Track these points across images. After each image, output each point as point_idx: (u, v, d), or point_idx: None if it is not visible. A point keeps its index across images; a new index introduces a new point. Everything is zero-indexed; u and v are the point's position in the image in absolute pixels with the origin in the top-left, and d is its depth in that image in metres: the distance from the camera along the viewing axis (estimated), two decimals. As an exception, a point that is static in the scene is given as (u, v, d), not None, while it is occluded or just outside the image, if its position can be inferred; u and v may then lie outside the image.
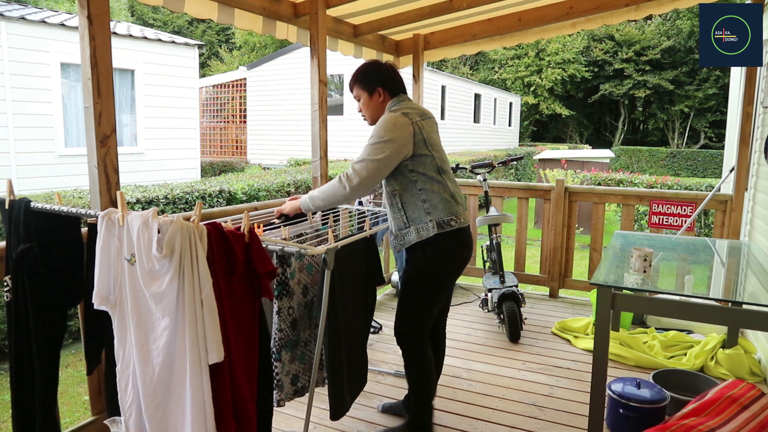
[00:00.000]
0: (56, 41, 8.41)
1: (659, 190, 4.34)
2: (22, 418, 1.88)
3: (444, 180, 2.28)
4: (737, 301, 2.37)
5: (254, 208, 2.84)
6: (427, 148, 2.24)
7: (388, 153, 2.15)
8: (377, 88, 2.35)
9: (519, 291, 3.69)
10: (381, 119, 2.25)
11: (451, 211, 2.25)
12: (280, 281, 2.02)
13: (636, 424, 2.39)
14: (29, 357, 1.86)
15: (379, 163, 2.15)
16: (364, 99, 2.38)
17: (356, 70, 2.41)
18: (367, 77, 2.37)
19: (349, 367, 2.17)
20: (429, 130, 2.30)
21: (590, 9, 3.63)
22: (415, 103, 2.39)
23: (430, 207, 2.24)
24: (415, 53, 4.40)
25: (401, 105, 2.31)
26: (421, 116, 2.29)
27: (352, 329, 2.18)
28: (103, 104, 2.05)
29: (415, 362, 2.36)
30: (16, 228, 1.85)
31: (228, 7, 2.98)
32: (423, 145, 2.23)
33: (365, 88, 2.37)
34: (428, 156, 2.24)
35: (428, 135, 2.27)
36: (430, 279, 2.30)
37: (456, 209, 2.28)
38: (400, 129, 2.18)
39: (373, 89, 2.36)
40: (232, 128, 16.46)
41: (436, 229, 2.22)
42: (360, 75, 2.39)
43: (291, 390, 2.18)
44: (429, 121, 2.33)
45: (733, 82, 5.81)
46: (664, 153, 22.52)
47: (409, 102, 2.36)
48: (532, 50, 25.60)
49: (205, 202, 5.45)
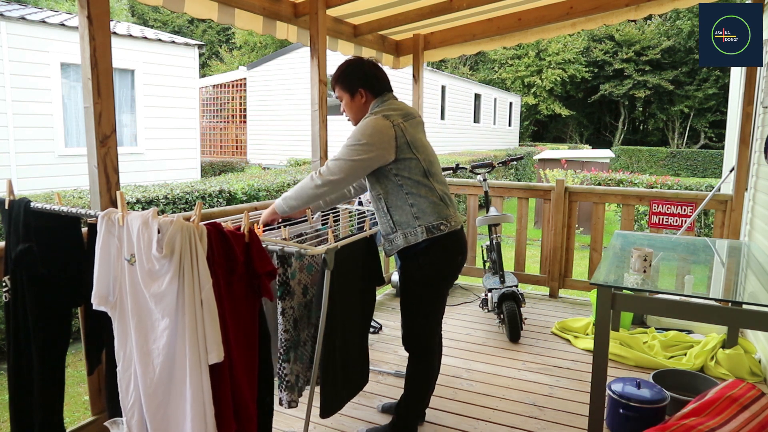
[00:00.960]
0: (56, 41, 8.41)
1: (659, 190, 4.34)
2: (20, 418, 1.88)
3: (431, 183, 2.19)
4: (737, 301, 2.37)
5: (254, 208, 2.84)
6: (412, 151, 2.15)
7: (365, 156, 2.08)
8: (359, 89, 2.25)
9: (519, 291, 3.69)
10: (361, 122, 2.18)
11: (440, 215, 2.18)
12: (282, 282, 2.02)
13: (636, 424, 2.39)
14: (28, 357, 1.86)
15: (353, 163, 2.08)
16: (346, 100, 2.29)
17: (337, 69, 2.30)
18: (348, 77, 2.27)
19: (343, 367, 2.16)
20: (413, 131, 2.20)
21: (590, 9, 3.63)
22: (400, 102, 2.29)
23: (418, 211, 2.16)
24: (415, 53, 4.40)
25: (383, 106, 2.21)
26: (404, 117, 2.19)
27: (349, 329, 2.18)
28: (103, 104, 2.05)
29: (417, 368, 2.35)
30: (16, 228, 1.85)
31: (228, 7, 2.98)
32: (407, 148, 2.14)
33: (346, 89, 2.27)
34: (413, 159, 2.15)
35: (412, 137, 2.17)
36: (426, 287, 2.26)
37: (446, 212, 2.20)
38: (379, 133, 2.10)
39: (354, 90, 2.26)
40: (232, 128, 16.45)
41: (425, 235, 2.15)
42: (341, 75, 2.28)
43: (297, 390, 2.18)
44: (413, 122, 2.22)
45: (733, 82, 5.81)
46: (664, 153, 22.52)
47: (394, 102, 2.26)
48: (532, 50, 25.60)
49: (205, 202, 5.45)
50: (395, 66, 4.66)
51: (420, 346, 2.34)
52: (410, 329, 2.32)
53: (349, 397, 2.29)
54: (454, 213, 2.25)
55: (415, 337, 2.32)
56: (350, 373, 2.25)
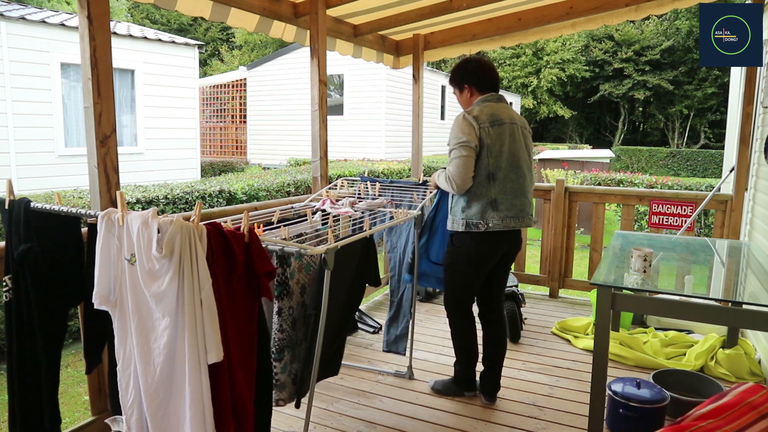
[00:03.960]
0: (56, 41, 8.41)
1: (659, 190, 4.34)
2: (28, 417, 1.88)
3: (489, 186, 2.50)
4: (737, 301, 2.37)
5: (254, 208, 2.84)
6: (486, 154, 2.48)
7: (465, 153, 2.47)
8: (465, 85, 2.64)
9: (519, 291, 3.69)
10: (454, 119, 2.53)
11: (483, 216, 2.51)
12: (281, 281, 2.02)
13: (636, 424, 2.39)
14: (33, 355, 1.87)
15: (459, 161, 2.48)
16: (457, 95, 2.72)
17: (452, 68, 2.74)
18: (455, 74, 2.68)
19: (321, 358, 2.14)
20: (496, 137, 2.49)
21: (590, 9, 3.63)
22: (497, 105, 2.58)
23: (466, 207, 2.54)
24: (415, 53, 4.40)
25: (478, 105, 2.56)
26: (491, 123, 2.49)
27: (333, 323, 2.18)
28: (103, 104, 2.05)
29: (455, 326, 2.78)
30: (17, 228, 1.85)
31: (226, 7, 2.97)
32: (483, 150, 2.48)
33: (455, 85, 2.69)
34: (483, 162, 2.49)
35: (492, 142, 2.48)
36: (460, 264, 2.65)
37: (490, 215, 2.51)
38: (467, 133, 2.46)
39: (462, 86, 2.66)
40: (232, 128, 16.45)
41: (464, 228, 2.54)
42: (451, 73, 2.71)
43: (293, 389, 2.17)
44: (499, 129, 2.51)
45: (733, 82, 5.81)
46: (664, 153, 22.50)
47: (491, 104, 2.57)
48: (530, 49, 25.56)
49: (205, 202, 5.45)
50: (395, 66, 4.66)
51: (452, 308, 2.76)
52: (446, 291, 2.78)
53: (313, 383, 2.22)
54: (501, 218, 2.53)
55: (448, 301, 2.76)
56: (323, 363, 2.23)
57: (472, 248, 2.58)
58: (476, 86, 2.62)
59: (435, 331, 3.62)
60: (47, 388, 1.91)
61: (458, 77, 2.67)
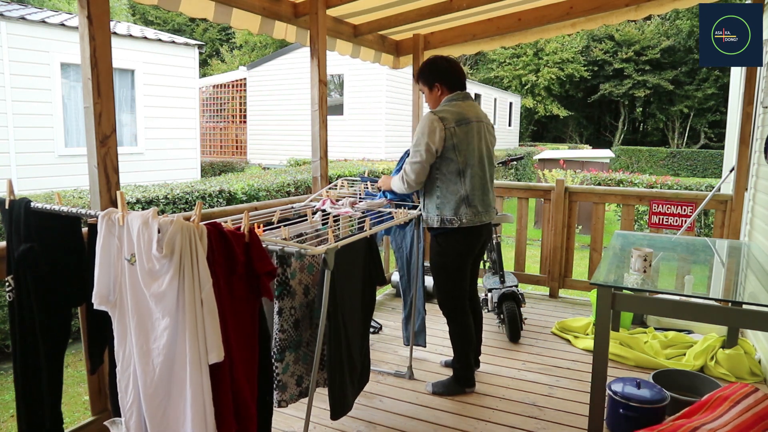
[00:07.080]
0: (56, 41, 8.40)
1: (659, 190, 4.34)
2: (31, 416, 1.89)
3: (460, 183, 2.57)
4: (737, 301, 2.37)
5: (254, 208, 2.84)
6: (455, 153, 2.54)
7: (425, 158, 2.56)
8: (435, 84, 2.67)
9: (519, 291, 3.69)
10: (421, 118, 2.57)
11: (456, 212, 2.59)
12: (281, 281, 2.02)
13: (636, 424, 2.39)
14: (35, 355, 1.87)
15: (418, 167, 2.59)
16: (426, 93, 2.74)
17: (420, 65, 2.78)
18: (425, 73, 2.70)
19: (350, 368, 2.17)
20: (463, 135, 2.54)
21: (590, 9, 3.63)
22: (465, 104, 2.62)
23: (440, 203, 2.62)
24: (415, 53, 4.40)
25: (446, 105, 2.61)
26: (457, 122, 2.54)
27: (351, 329, 2.18)
28: (103, 104, 2.05)
29: (455, 327, 2.82)
30: (17, 228, 1.85)
31: (228, 8, 2.97)
32: (451, 149, 2.53)
33: (425, 83, 2.72)
34: (452, 160, 2.55)
35: (459, 141, 2.53)
36: (450, 263, 2.72)
37: (463, 211, 2.59)
38: (430, 135, 2.52)
39: (432, 84, 2.68)
40: (232, 128, 16.45)
41: (439, 224, 2.62)
42: (420, 71, 2.74)
43: (296, 391, 2.18)
44: (466, 128, 2.56)
45: (733, 82, 5.81)
46: (664, 153, 22.50)
47: (459, 103, 2.61)
48: (530, 49, 25.55)
49: (205, 202, 5.45)
50: (395, 66, 4.66)
51: (447, 308, 2.81)
52: (438, 294, 2.83)
53: (354, 397, 2.30)
54: (475, 213, 2.62)
55: (445, 303, 2.81)
56: (354, 374, 2.25)
57: (459, 244, 2.67)
58: (446, 85, 2.67)
59: (434, 331, 3.62)
60: (50, 388, 1.91)
61: (428, 76, 2.69)
